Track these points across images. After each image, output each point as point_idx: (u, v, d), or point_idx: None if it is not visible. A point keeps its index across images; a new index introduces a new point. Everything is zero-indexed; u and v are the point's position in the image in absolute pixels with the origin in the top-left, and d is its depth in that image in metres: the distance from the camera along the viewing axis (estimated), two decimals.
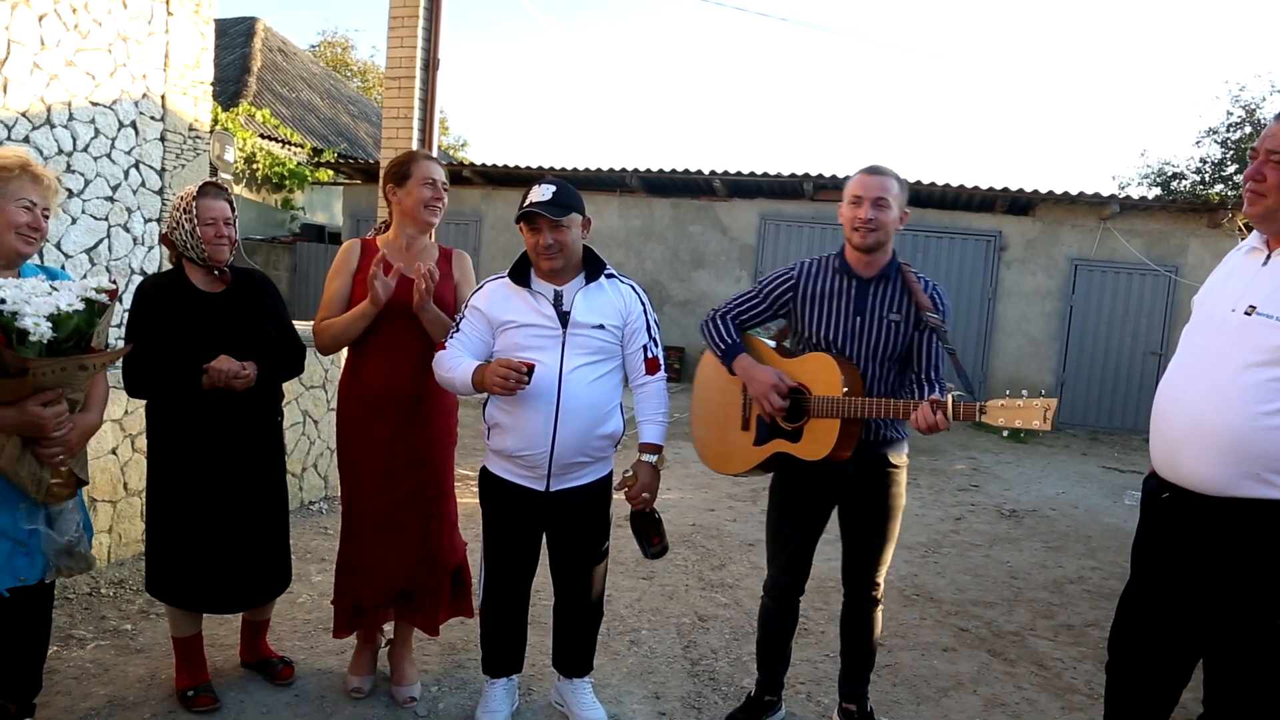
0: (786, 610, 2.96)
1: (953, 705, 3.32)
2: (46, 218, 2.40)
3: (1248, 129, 18.51)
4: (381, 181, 2.99)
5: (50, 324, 2.05)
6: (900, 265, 2.75)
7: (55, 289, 2.13)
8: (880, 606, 2.90)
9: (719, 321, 2.87)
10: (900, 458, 2.80)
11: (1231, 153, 18.75)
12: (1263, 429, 1.92)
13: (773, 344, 2.91)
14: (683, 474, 6.90)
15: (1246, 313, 2.00)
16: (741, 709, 3.02)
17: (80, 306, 2.12)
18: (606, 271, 2.77)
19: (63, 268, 3.76)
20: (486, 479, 2.82)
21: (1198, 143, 24.62)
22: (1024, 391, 2.36)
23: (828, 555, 2.96)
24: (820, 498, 2.82)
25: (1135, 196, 14.83)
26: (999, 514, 6.54)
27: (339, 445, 3.02)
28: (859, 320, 2.71)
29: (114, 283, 2.26)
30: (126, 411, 4.10)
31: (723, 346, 2.82)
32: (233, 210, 2.82)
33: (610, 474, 2.87)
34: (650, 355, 2.78)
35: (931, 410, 2.40)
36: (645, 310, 2.80)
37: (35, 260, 2.48)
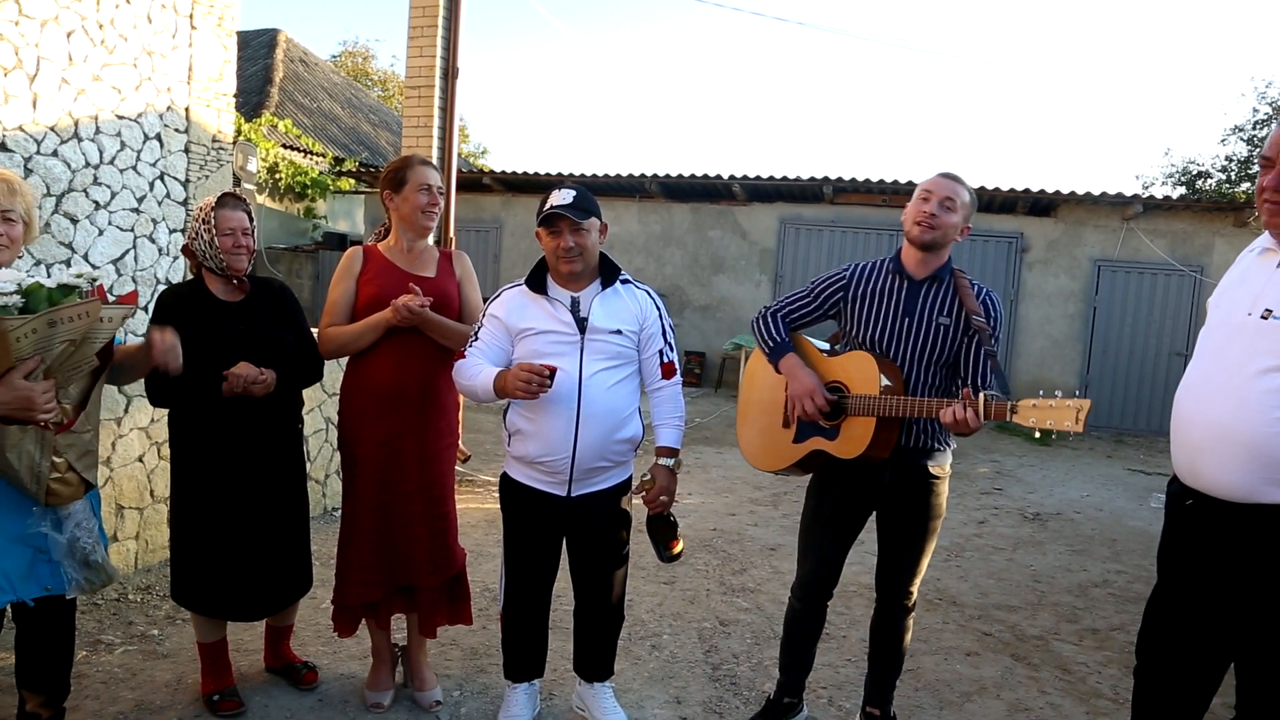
0: (813, 613, 2.94)
1: (976, 710, 3.29)
2: (9, 221, 2.26)
3: (1274, 126, 18.23)
4: (380, 188, 3.02)
5: (19, 293, 2.01)
6: (955, 270, 2.74)
7: (31, 275, 2.09)
8: (912, 615, 2.89)
9: (769, 319, 2.89)
10: (941, 468, 2.76)
11: (1258, 150, 18.49)
12: None
13: (824, 346, 2.89)
14: (703, 479, 6.89)
15: (1263, 316, 1.98)
16: (762, 713, 3.01)
17: (51, 284, 2.07)
18: (622, 277, 2.79)
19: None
20: (507, 485, 2.83)
21: (1223, 141, 24.30)
22: (1058, 392, 2.33)
23: (850, 560, 2.95)
24: (855, 501, 2.80)
25: (1159, 196, 14.66)
26: (1023, 517, 6.49)
27: (342, 441, 3.01)
28: (907, 321, 2.69)
29: (135, 293, 2.24)
30: (153, 419, 4.16)
31: (771, 344, 2.84)
32: (251, 220, 2.86)
33: (630, 478, 2.88)
34: (666, 360, 2.79)
35: (962, 407, 2.39)
36: (661, 315, 2.82)
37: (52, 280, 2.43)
